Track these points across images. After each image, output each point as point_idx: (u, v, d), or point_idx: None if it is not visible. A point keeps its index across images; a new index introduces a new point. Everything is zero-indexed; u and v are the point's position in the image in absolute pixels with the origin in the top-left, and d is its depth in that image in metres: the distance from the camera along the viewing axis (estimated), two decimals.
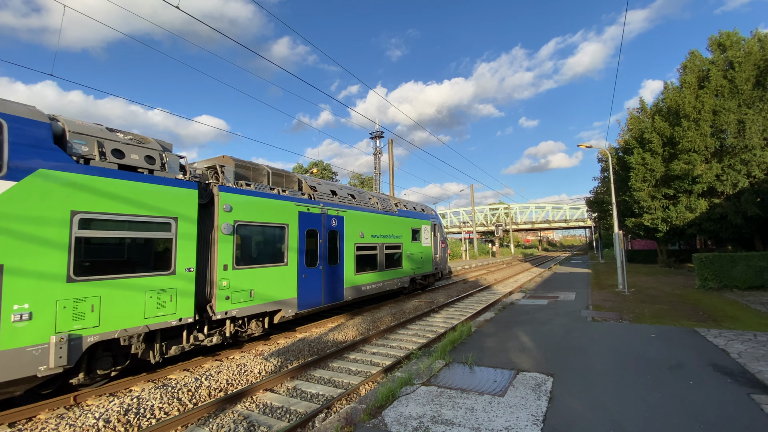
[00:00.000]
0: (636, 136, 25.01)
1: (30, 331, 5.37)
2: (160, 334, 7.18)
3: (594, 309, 11.80)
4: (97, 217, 6.22)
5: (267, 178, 10.29)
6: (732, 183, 19.39)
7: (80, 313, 5.91)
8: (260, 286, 9.01)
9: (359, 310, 13.63)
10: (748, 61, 19.14)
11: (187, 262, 7.35)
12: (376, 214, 14.27)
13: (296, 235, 10.24)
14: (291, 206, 10.22)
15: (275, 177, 10.54)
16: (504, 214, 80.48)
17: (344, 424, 4.52)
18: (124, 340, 6.50)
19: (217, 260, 8.09)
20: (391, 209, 15.65)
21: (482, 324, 9.90)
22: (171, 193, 7.19)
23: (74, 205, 5.93)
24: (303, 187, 11.44)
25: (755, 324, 9.12)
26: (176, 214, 7.23)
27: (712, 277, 15.40)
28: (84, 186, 6.05)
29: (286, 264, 9.88)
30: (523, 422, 4.47)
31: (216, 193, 8.20)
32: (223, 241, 8.20)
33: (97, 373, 6.50)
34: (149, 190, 6.87)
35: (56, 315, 5.65)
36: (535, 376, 6.01)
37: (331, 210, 11.79)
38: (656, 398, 5.04)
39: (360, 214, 13.25)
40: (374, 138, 49.67)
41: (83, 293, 5.96)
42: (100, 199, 6.22)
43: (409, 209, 17.32)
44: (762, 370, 5.92)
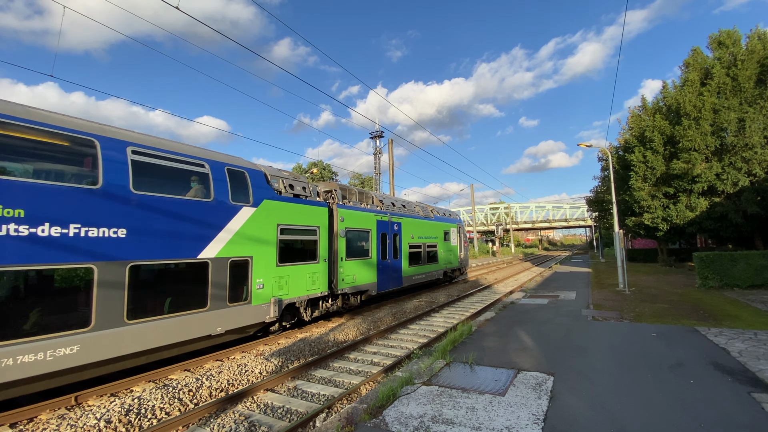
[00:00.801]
0: (637, 134, 25.00)
1: (262, 295, 9.07)
2: (309, 302, 10.96)
3: (594, 308, 11.80)
4: (287, 227, 10.01)
5: (355, 196, 14.35)
6: (732, 182, 19.37)
7: (281, 286, 9.64)
8: (358, 273, 12.94)
9: (360, 310, 13.64)
10: (751, 58, 19.13)
11: (324, 255, 11.42)
12: (420, 219, 18.01)
13: (375, 236, 14.08)
14: (372, 216, 14.12)
15: (360, 195, 14.76)
16: (504, 213, 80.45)
17: (345, 424, 4.52)
18: (298, 304, 10.41)
19: (338, 254, 11.96)
20: (429, 215, 19.53)
21: (483, 323, 9.90)
22: (316, 210, 11.21)
23: (278, 219, 9.66)
24: (374, 201, 15.45)
25: (756, 322, 9.12)
26: (319, 224, 11.26)
27: (712, 276, 15.39)
28: (281, 208, 9.81)
29: (370, 258, 13.71)
30: (524, 421, 4.48)
31: (335, 209, 12.20)
32: (340, 241, 12.10)
33: (284, 326, 10.41)
34: (306, 209, 10.82)
35: (272, 286, 9.35)
36: (535, 375, 6.01)
37: (394, 218, 15.58)
38: (657, 397, 5.04)
39: (411, 220, 17.05)
40: (374, 138, 49.65)
41: (282, 273, 9.70)
42: (288, 215, 10.08)
43: (440, 215, 21.01)
44: (763, 369, 5.92)
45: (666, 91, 24.04)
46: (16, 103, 5.90)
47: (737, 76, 19.23)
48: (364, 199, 14.97)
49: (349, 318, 12.56)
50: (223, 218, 8.21)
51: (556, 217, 77.36)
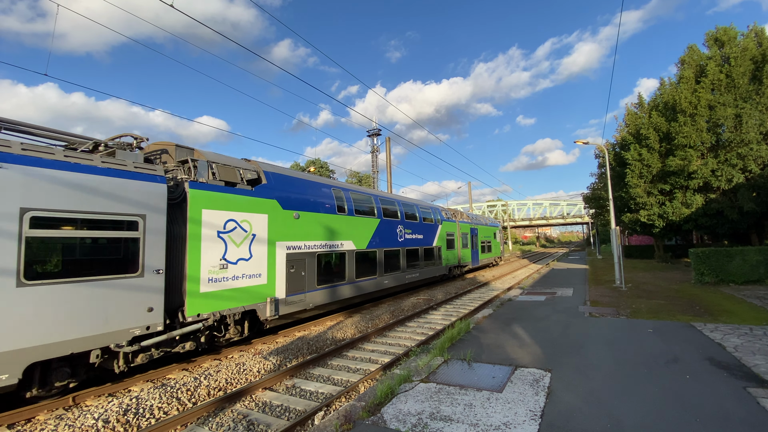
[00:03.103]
0: (633, 131, 25.09)
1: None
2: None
3: (591, 305, 11.86)
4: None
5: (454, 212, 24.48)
6: (728, 178, 19.48)
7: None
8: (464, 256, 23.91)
9: (359, 308, 13.65)
10: (744, 56, 19.23)
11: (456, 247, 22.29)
12: (483, 225, 29.56)
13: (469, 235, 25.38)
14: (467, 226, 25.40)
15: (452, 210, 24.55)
16: (501, 210, 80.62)
17: (343, 422, 4.53)
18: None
19: (460, 246, 23.31)
20: (486, 222, 31.28)
21: (480, 321, 9.93)
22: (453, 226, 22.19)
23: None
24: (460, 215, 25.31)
25: (751, 318, 9.19)
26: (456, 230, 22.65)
27: (708, 272, 15.49)
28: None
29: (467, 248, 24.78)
30: (521, 417, 4.50)
31: (458, 222, 23.51)
32: (462, 240, 23.64)
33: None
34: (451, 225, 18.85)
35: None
36: (533, 371, 6.04)
37: (473, 226, 26.66)
38: (653, 392, 5.08)
39: (479, 226, 28.27)
40: (371, 136, 49.55)
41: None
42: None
43: (490, 223, 32.45)
44: (758, 364, 5.97)
45: (663, 88, 24.12)
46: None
47: (731, 73, 19.32)
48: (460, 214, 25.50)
49: (347, 316, 12.56)
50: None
51: (553, 214, 77.60)
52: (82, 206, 6.19)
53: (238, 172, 9.32)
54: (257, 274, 9.20)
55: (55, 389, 6.05)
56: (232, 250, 8.63)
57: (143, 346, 6.69)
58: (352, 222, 12.99)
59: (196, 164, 8.28)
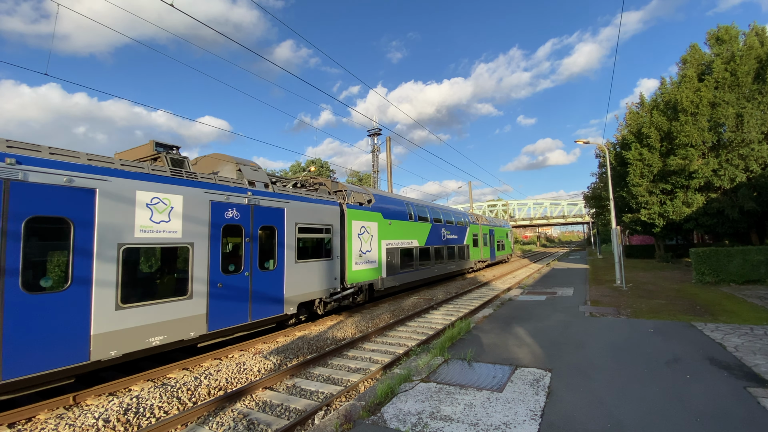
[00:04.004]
0: (634, 131, 25.05)
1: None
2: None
3: (592, 304, 11.85)
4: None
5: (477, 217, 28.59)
6: (729, 178, 19.44)
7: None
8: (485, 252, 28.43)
9: (359, 308, 13.65)
10: (749, 54, 19.17)
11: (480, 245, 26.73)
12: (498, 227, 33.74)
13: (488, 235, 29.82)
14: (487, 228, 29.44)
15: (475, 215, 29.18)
16: (502, 210, 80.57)
17: (343, 422, 4.53)
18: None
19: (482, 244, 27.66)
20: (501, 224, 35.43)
21: (481, 320, 9.93)
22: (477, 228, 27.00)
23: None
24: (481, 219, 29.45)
25: (752, 318, 9.18)
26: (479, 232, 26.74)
27: (709, 272, 15.47)
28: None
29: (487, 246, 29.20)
30: (522, 417, 4.50)
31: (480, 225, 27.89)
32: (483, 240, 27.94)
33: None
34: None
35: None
36: (533, 371, 6.04)
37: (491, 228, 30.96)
38: (653, 392, 5.08)
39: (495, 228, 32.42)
40: (372, 135, 49.56)
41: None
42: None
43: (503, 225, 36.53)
44: (758, 364, 5.96)
45: (664, 87, 24.08)
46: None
47: (736, 72, 19.27)
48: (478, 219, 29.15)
49: (347, 316, 12.57)
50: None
51: (553, 213, 77.54)
52: (313, 220, 11.24)
53: (363, 196, 14.44)
54: (374, 261, 14.15)
55: (302, 317, 11.11)
56: (363, 245, 13.56)
57: (333, 299, 11.81)
58: (416, 226, 17.89)
59: (345, 193, 13.33)
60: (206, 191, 8.09)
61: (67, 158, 6.19)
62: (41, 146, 6.04)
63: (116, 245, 6.51)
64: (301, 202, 10.76)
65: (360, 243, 13.25)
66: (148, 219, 6.99)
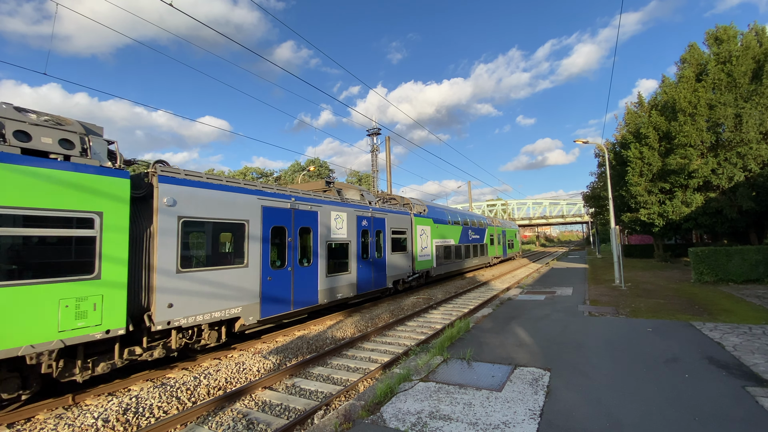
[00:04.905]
0: (633, 130, 25.08)
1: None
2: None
3: (591, 304, 11.87)
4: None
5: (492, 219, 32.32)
6: (728, 177, 19.48)
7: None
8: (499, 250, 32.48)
9: (358, 308, 13.65)
10: (746, 54, 19.19)
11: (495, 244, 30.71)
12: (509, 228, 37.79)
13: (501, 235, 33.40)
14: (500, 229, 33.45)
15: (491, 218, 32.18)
16: (501, 210, 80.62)
17: (343, 421, 4.54)
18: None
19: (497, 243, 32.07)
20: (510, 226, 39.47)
21: (480, 320, 9.94)
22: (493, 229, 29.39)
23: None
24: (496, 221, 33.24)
25: (750, 317, 9.20)
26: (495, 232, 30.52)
27: (707, 271, 15.50)
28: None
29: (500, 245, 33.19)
30: (521, 417, 4.51)
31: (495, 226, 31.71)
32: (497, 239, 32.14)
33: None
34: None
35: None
36: (532, 370, 6.05)
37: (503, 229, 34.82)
38: (652, 392, 5.09)
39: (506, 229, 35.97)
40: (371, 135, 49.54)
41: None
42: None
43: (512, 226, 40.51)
44: (757, 363, 5.98)
45: (664, 86, 24.10)
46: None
47: (732, 72, 19.30)
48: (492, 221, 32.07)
49: (346, 316, 12.57)
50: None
51: (553, 213, 77.63)
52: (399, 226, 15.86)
53: (421, 207, 19.02)
54: (429, 255, 18.64)
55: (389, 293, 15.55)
56: (423, 243, 18.01)
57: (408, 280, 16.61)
58: (453, 228, 22.42)
59: (410, 205, 18.06)
60: (354, 210, 12.94)
61: (313, 196, 11.36)
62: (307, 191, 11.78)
63: (326, 242, 11.41)
64: (393, 213, 15.57)
65: (421, 241, 17.87)
66: (336, 227, 11.86)
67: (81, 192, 6.02)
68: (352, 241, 12.51)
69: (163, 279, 7.04)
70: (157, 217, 7.07)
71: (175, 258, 7.27)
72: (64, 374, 6.04)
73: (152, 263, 7.00)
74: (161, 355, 7.18)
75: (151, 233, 7.09)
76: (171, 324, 7.08)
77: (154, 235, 7.06)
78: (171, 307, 7.10)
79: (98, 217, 6.15)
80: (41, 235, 5.77)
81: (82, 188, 6.03)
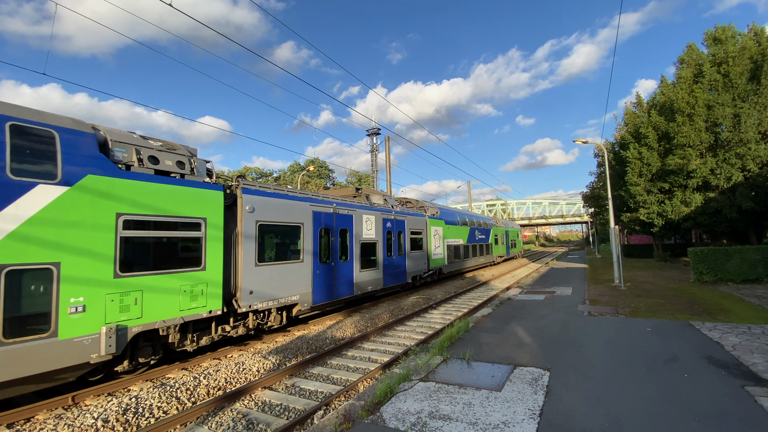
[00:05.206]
0: (632, 131, 25.10)
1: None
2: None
3: (590, 304, 11.88)
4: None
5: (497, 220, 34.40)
6: (726, 177, 19.50)
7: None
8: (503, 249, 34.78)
9: (358, 308, 13.66)
10: (742, 55, 19.20)
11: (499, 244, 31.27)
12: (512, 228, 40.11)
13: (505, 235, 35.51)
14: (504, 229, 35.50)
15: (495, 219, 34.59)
16: (501, 210, 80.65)
17: (343, 421, 4.54)
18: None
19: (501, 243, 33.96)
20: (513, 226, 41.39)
21: (480, 320, 9.94)
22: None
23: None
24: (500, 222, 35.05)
25: (749, 317, 9.21)
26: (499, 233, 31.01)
27: (707, 271, 15.52)
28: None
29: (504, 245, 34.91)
30: (520, 416, 4.51)
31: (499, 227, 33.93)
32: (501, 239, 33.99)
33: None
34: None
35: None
36: (532, 370, 6.05)
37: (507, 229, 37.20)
38: (651, 391, 5.10)
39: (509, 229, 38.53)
40: (371, 135, 49.57)
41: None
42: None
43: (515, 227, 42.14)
44: (756, 363, 5.99)
45: (662, 87, 24.13)
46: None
47: (729, 73, 19.31)
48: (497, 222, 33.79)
49: (346, 316, 12.58)
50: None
51: (552, 213, 77.69)
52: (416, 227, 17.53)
53: (434, 209, 20.77)
54: (441, 254, 20.27)
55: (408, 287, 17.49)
56: (436, 243, 19.66)
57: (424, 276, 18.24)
58: (462, 229, 24.05)
59: (425, 208, 19.72)
60: (380, 213, 14.66)
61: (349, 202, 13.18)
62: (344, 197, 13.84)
63: (359, 241, 13.11)
64: (411, 216, 17.21)
65: (434, 241, 19.48)
66: (366, 228, 13.51)
67: (193, 202, 7.67)
68: (378, 241, 14.17)
69: (246, 271, 8.70)
70: (241, 221, 8.74)
71: (254, 254, 8.95)
72: (180, 344, 7.67)
73: (238, 258, 8.66)
74: (243, 332, 8.85)
75: (237, 234, 8.74)
76: (251, 307, 8.77)
77: (239, 236, 8.71)
78: (251, 294, 8.80)
79: (203, 222, 7.81)
80: (168, 236, 7.37)
81: (193, 199, 7.69)
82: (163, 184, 7.25)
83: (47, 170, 5.84)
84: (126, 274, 6.60)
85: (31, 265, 5.56)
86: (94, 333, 6.11)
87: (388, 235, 14.95)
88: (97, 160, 6.39)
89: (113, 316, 6.38)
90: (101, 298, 6.24)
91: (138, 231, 6.85)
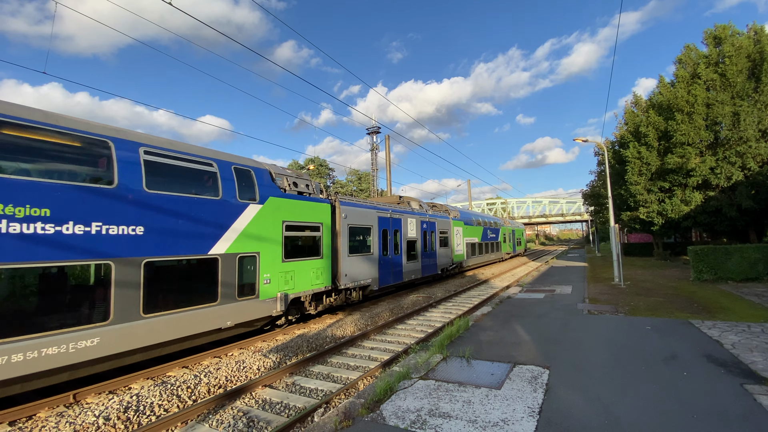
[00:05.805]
0: (632, 130, 25.08)
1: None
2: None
3: (590, 302, 11.90)
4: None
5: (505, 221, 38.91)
6: (726, 176, 19.48)
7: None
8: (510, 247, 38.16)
9: (359, 306, 13.69)
10: (740, 54, 19.15)
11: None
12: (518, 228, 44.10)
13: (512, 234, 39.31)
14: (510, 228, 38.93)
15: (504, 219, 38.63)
16: (501, 208, 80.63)
17: (343, 419, 4.56)
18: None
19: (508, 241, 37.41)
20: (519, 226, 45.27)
21: (480, 318, 9.96)
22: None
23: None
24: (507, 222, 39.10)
25: (749, 315, 9.23)
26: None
27: (707, 270, 15.53)
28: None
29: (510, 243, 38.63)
30: (520, 414, 4.53)
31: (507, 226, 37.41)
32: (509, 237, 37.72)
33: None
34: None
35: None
36: (531, 368, 6.07)
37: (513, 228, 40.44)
38: (651, 389, 5.11)
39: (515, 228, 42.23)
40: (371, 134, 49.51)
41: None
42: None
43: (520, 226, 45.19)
44: (755, 361, 6.01)
45: (661, 86, 24.11)
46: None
47: (726, 72, 19.27)
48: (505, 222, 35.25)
49: (347, 314, 12.60)
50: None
51: (552, 212, 77.69)
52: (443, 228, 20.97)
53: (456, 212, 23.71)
54: (462, 250, 23.55)
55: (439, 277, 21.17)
56: (457, 240, 22.78)
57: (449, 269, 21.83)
58: (477, 229, 27.15)
59: (449, 211, 22.98)
60: (419, 216, 17.91)
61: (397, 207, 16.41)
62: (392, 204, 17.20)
63: (405, 239, 16.33)
64: (440, 218, 20.41)
65: (456, 239, 22.65)
66: (410, 229, 16.80)
67: (315, 212, 11.14)
68: (418, 239, 17.56)
69: (343, 259, 12.16)
70: (339, 224, 12.18)
71: (347, 247, 12.45)
72: (307, 309, 10.98)
73: (338, 250, 12.05)
74: (342, 302, 12.37)
75: (336, 233, 12.12)
76: (345, 286, 12.20)
77: (338, 235, 12.12)
78: (346, 276, 12.23)
79: (321, 225, 11.34)
80: (305, 235, 10.87)
81: (315, 210, 11.16)
82: (301, 200, 10.64)
83: (252, 195, 9.06)
84: (287, 260, 9.86)
85: (249, 253, 8.76)
86: (274, 297, 9.37)
87: (424, 235, 18.30)
88: (272, 188, 9.66)
89: (282, 287, 9.65)
90: (277, 275, 9.51)
91: (292, 232, 10.12)
